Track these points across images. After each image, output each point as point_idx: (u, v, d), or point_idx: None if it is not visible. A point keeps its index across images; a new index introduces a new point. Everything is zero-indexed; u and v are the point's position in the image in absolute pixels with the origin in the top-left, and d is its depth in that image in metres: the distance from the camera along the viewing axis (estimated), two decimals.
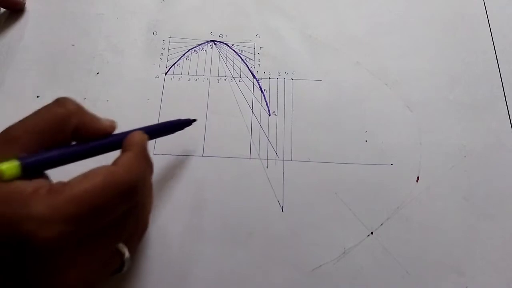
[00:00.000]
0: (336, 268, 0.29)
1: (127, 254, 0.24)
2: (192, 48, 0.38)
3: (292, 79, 0.36)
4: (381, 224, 0.31)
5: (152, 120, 0.34)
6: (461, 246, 0.30)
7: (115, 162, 0.23)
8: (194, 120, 0.32)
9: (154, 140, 0.33)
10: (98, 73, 0.36)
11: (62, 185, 0.20)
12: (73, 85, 0.35)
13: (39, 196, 0.19)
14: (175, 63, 0.37)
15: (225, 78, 0.36)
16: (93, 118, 0.24)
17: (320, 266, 0.29)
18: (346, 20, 0.39)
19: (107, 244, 0.22)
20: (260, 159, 0.33)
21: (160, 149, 0.33)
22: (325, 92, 0.36)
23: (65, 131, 0.23)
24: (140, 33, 0.38)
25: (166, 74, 0.36)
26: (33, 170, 0.20)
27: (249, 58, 0.37)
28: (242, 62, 0.37)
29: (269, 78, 0.36)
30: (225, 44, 0.38)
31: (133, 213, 0.24)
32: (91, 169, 0.21)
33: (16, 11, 0.39)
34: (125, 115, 0.34)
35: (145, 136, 0.26)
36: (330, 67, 0.37)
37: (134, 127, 0.27)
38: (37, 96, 0.35)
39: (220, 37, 0.38)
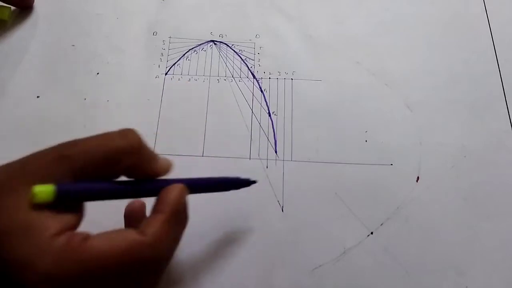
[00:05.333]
0: (336, 268, 0.29)
1: None
2: (192, 48, 0.38)
3: (292, 79, 0.36)
4: (381, 224, 0.31)
5: (152, 120, 0.34)
6: (461, 246, 0.30)
7: (144, 229, 0.21)
8: (254, 182, 0.28)
9: (154, 140, 0.33)
10: (98, 73, 0.36)
11: (83, 240, 0.19)
12: (73, 86, 0.36)
13: (54, 247, 0.18)
14: (175, 63, 0.37)
15: (225, 78, 0.36)
16: (150, 157, 0.23)
17: (320, 266, 0.29)
18: (346, 20, 0.39)
19: None
20: (260, 159, 0.33)
21: (160, 149, 0.33)
22: (325, 92, 0.36)
23: (119, 164, 0.22)
24: (140, 33, 0.38)
25: (166, 74, 0.36)
26: (67, 199, 0.20)
27: (249, 58, 0.37)
28: (242, 62, 0.37)
29: (269, 78, 0.36)
30: (225, 44, 0.38)
31: (149, 280, 0.22)
32: (119, 228, 0.21)
33: (24, 8, 0.39)
34: (125, 115, 0.34)
35: (185, 191, 0.24)
36: (330, 67, 0.37)
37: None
38: (37, 96, 0.35)
39: (220, 37, 0.38)
